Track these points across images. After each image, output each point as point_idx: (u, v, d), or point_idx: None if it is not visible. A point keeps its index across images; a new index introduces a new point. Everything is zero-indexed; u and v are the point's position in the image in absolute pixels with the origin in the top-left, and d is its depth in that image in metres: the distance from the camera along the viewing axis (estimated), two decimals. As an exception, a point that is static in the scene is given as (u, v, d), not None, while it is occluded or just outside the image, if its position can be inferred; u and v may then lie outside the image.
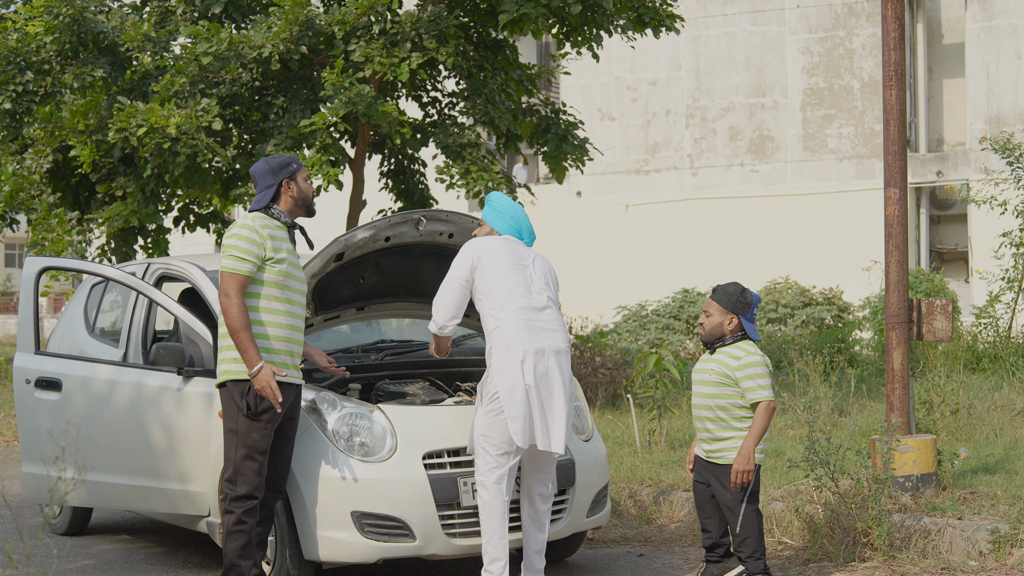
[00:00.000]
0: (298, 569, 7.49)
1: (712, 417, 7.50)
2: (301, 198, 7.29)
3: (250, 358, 6.88)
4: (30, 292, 9.18)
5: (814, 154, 28.81)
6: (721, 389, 7.46)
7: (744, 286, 7.64)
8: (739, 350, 7.49)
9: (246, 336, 6.89)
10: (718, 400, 7.47)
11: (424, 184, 16.67)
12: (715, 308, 7.59)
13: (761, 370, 7.42)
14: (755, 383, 7.38)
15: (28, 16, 14.97)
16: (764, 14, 29.41)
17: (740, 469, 7.32)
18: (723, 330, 7.56)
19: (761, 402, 7.36)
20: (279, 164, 7.23)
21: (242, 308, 6.91)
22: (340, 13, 13.84)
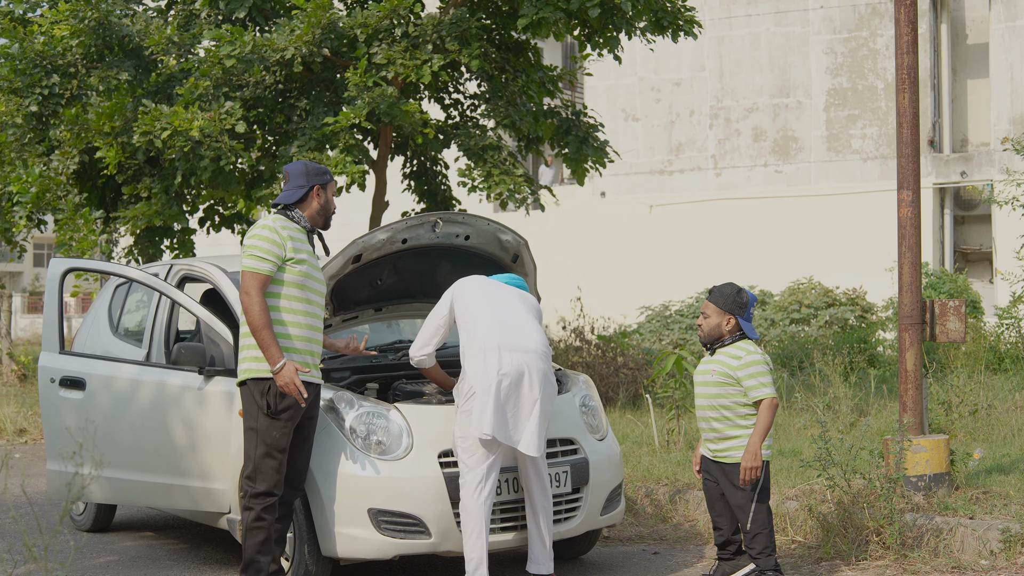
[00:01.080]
0: (316, 565, 7.61)
1: (717, 417, 7.60)
2: (324, 208, 7.44)
3: (272, 356, 7.01)
4: (55, 292, 9.33)
5: (838, 155, 28.81)
6: (723, 389, 7.57)
7: (740, 286, 7.73)
8: (739, 350, 7.60)
9: (268, 334, 7.01)
10: (721, 400, 7.57)
11: (446, 186, 16.77)
12: (712, 309, 7.70)
13: (762, 368, 7.53)
14: (757, 381, 7.49)
15: (54, 20, 15.11)
16: (788, 15, 29.43)
17: (748, 466, 7.41)
18: (721, 331, 7.67)
19: (764, 399, 7.46)
20: (316, 170, 7.41)
21: (263, 307, 7.03)
22: (362, 16, 13.95)
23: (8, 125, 15.81)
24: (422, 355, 7.86)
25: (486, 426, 7.26)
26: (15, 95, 15.45)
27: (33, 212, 16.63)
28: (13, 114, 15.50)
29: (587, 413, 8.40)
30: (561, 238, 30.45)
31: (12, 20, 16.36)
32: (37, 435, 16.51)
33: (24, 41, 15.07)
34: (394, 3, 13.65)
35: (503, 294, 7.82)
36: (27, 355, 24.37)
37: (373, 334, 9.71)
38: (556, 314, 20.82)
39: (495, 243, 8.56)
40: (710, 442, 7.71)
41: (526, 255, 8.71)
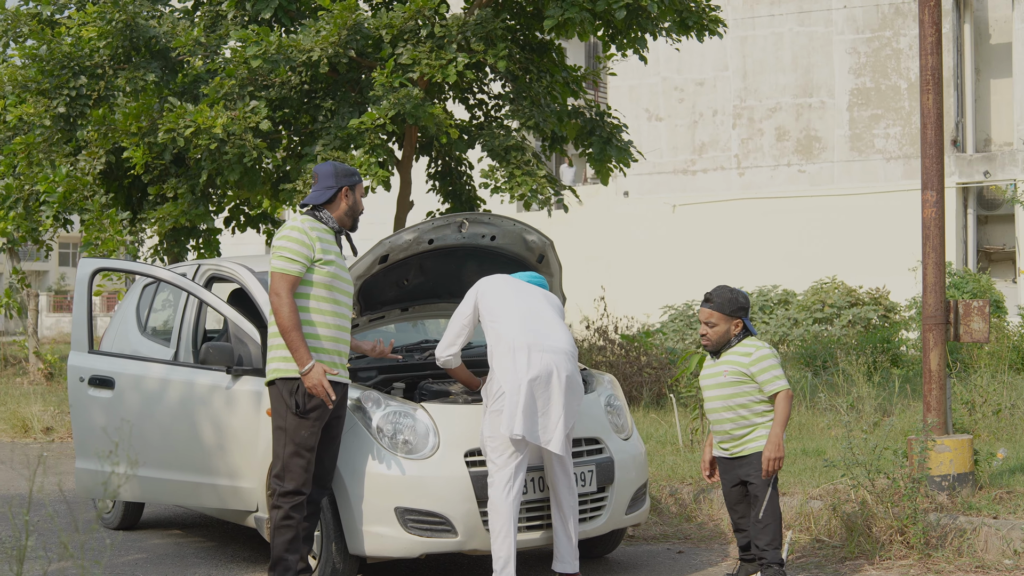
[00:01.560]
0: (343, 563, 7.67)
1: (733, 417, 7.64)
2: (352, 209, 7.51)
3: (301, 357, 7.07)
4: (84, 292, 9.40)
5: (861, 154, 28.81)
6: (738, 387, 7.62)
7: (734, 288, 7.82)
8: (748, 347, 7.66)
9: (297, 335, 7.08)
10: (737, 399, 7.63)
11: (471, 186, 16.83)
12: (718, 317, 7.71)
13: (773, 361, 7.60)
14: (771, 375, 7.54)
15: (82, 22, 15.22)
16: (811, 15, 29.43)
17: (772, 456, 7.45)
18: (729, 336, 7.72)
19: (780, 392, 7.52)
20: (345, 171, 7.47)
21: (293, 308, 7.10)
22: (388, 17, 14.02)
23: (36, 126, 15.92)
24: (448, 355, 7.92)
25: (516, 426, 7.31)
26: (43, 96, 15.56)
27: (60, 212, 16.74)
28: (41, 115, 15.60)
29: (612, 413, 8.45)
30: (584, 237, 30.50)
31: (40, 22, 16.47)
32: (64, 433, 16.62)
33: (52, 43, 15.18)
34: (419, 4, 13.72)
35: (528, 293, 7.88)
36: (53, 354, 24.50)
37: (399, 334, 9.78)
38: (580, 313, 20.86)
39: (521, 244, 8.62)
40: (726, 443, 7.75)
41: (552, 255, 8.77)
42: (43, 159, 16.52)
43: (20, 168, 16.84)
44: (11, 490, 11.06)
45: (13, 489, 11.33)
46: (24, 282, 23.14)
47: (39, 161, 16.59)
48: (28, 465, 13.79)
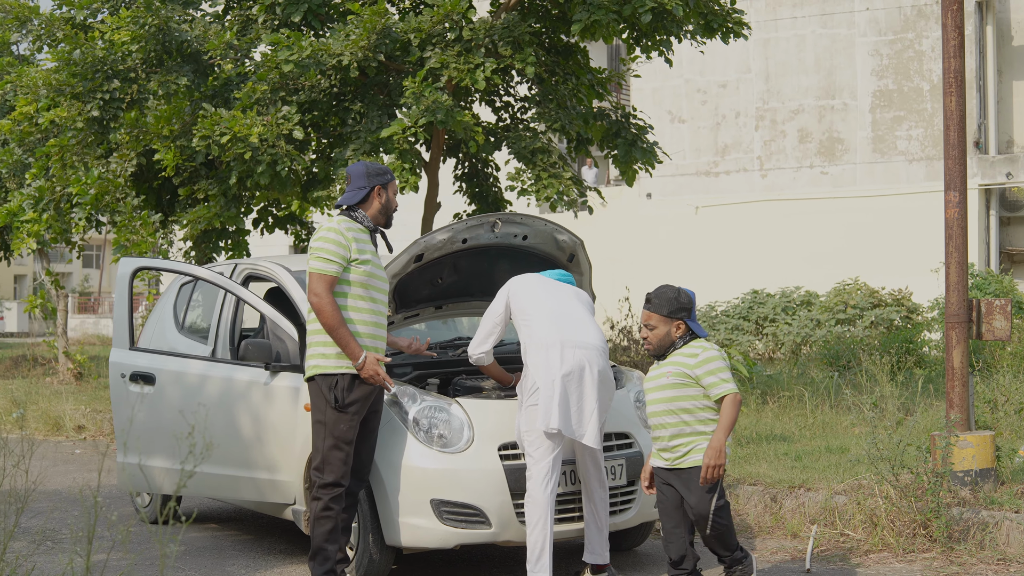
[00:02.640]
0: (380, 554, 7.87)
1: (675, 422, 7.21)
2: (386, 207, 7.68)
3: (352, 351, 7.29)
4: (124, 291, 9.61)
5: (883, 156, 28.89)
6: (681, 391, 7.21)
7: (678, 287, 7.41)
8: (694, 348, 7.26)
9: (345, 332, 7.29)
10: (679, 403, 7.21)
11: (497, 187, 16.98)
12: (657, 319, 7.33)
13: (721, 364, 7.19)
14: (717, 378, 7.13)
15: (115, 26, 15.41)
16: (833, 17, 29.53)
17: (712, 463, 7.04)
18: (671, 339, 7.32)
19: (727, 396, 7.10)
20: (377, 170, 7.64)
21: (335, 306, 7.30)
22: (416, 21, 14.18)
23: (69, 129, 16.14)
24: (480, 352, 8.10)
25: (553, 420, 7.48)
26: (76, 100, 15.77)
27: (92, 213, 16.96)
28: (74, 118, 15.82)
29: (641, 408, 8.61)
30: (608, 239, 30.64)
31: (74, 27, 16.68)
32: (96, 432, 16.85)
33: (85, 47, 15.37)
34: (447, 8, 13.89)
35: (558, 291, 8.05)
36: (82, 354, 24.74)
37: (433, 331, 9.98)
38: (604, 314, 21.02)
39: (552, 243, 8.80)
40: (665, 451, 7.30)
41: (582, 255, 8.95)
42: (76, 161, 16.73)
43: (53, 170, 17.06)
44: (49, 486, 11.27)
45: (51, 485, 11.54)
46: (57, 283, 23.39)
47: (72, 163, 16.80)
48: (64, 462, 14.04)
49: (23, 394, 19.93)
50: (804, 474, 10.22)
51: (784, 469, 10.55)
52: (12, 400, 18.85)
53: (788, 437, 12.59)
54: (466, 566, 8.73)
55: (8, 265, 30.05)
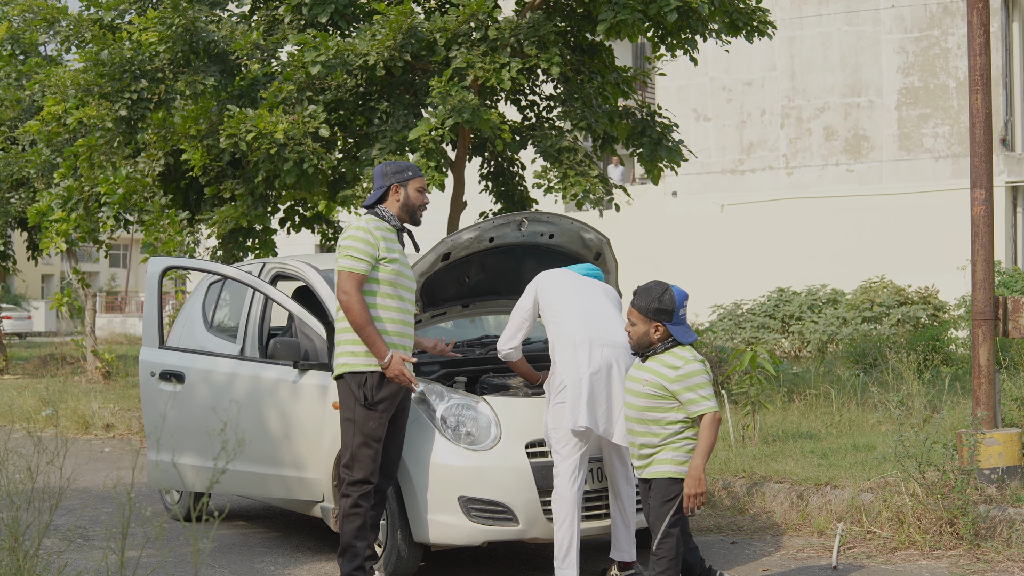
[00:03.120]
0: (408, 550, 7.92)
1: (643, 431, 6.89)
2: (405, 204, 7.68)
3: (379, 350, 7.34)
4: (154, 290, 9.69)
5: (910, 153, 28.83)
6: (655, 402, 6.84)
7: (666, 286, 6.96)
8: (675, 358, 6.84)
9: (372, 330, 7.33)
10: (651, 414, 6.86)
11: (523, 186, 17.02)
12: (636, 316, 6.95)
13: (702, 379, 6.76)
14: (696, 395, 6.72)
15: (142, 27, 15.50)
16: (859, 14, 29.48)
17: (692, 492, 6.65)
18: (650, 339, 6.91)
19: (706, 414, 6.70)
20: (394, 169, 7.66)
21: (363, 304, 7.34)
22: (442, 21, 14.23)
23: (97, 128, 16.24)
24: (509, 348, 8.13)
25: (581, 418, 7.51)
26: (105, 100, 15.87)
27: (120, 213, 17.06)
28: (103, 118, 15.92)
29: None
30: (633, 237, 30.64)
31: (102, 27, 16.78)
32: (124, 430, 16.95)
33: (113, 47, 15.47)
34: (473, 8, 13.93)
35: (586, 287, 8.08)
36: (110, 353, 24.88)
37: (460, 330, 10.03)
38: (630, 312, 21.01)
39: (578, 241, 8.84)
40: (634, 458, 7.03)
41: (608, 253, 8.98)
42: (104, 161, 16.84)
43: (81, 170, 17.17)
44: (79, 484, 11.35)
45: (81, 483, 11.62)
46: (84, 282, 23.52)
47: (100, 163, 16.91)
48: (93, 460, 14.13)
49: (52, 393, 20.05)
50: (830, 472, 10.23)
51: (810, 467, 10.56)
52: (41, 399, 18.97)
53: (814, 435, 12.60)
54: (494, 563, 8.78)
55: (36, 265, 30.24)
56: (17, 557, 5.36)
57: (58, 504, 5.50)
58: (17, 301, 67.77)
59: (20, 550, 5.38)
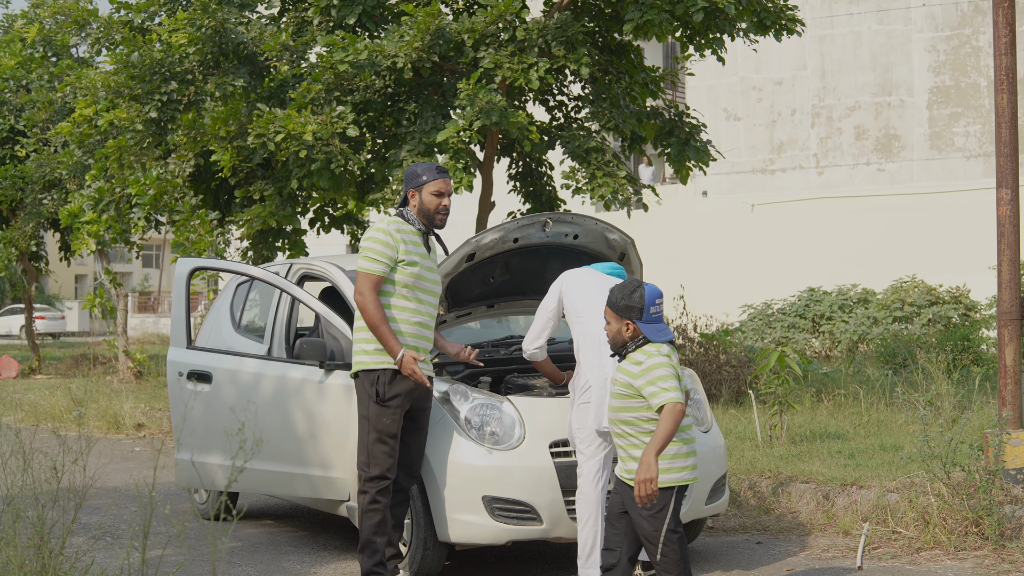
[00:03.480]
0: (433, 549, 7.95)
1: (620, 433, 6.72)
2: (421, 209, 7.72)
3: (391, 348, 7.40)
4: (182, 290, 9.76)
5: (941, 152, 28.73)
6: (625, 402, 6.67)
7: (638, 283, 6.82)
8: (642, 355, 6.67)
9: (385, 329, 7.40)
10: (622, 414, 6.69)
11: (551, 186, 17.04)
12: (610, 314, 6.82)
13: (664, 371, 6.55)
14: (657, 387, 6.51)
15: (172, 28, 15.59)
16: (890, 13, 29.40)
17: (641, 479, 6.41)
18: (623, 337, 6.76)
19: (666, 404, 6.46)
20: (411, 174, 7.72)
21: (377, 304, 7.42)
22: (470, 22, 14.26)
23: (128, 130, 16.34)
24: (535, 348, 8.16)
25: (605, 419, 7.54)
26: (135, 101, 15.97)
27: (151, 213, 17.17)
28: (133, 120, 16.02)
29: (692, 406, 8.66)
30: (664, 237, 30.64)
31: (132, 29, 16.88)
32: (155, 430, 17.04)
33: (143, 49, 15.57)
34: (501, 8, 13.96)
35: (611, 286, 8.10)
36: (141, 353, 25.02)
37: (486, 330, 10.05)
38: (659, 312, 21.02)
39: (603, 242, 8.85)
40: (623, 460, 6.76)
41: (633, 253, 8.99)
42: (134, 162, 16.94)
43: (112, 171, 17.28)
44: (108, 483, 11.44)
45: (110, 482, 11.70)
46: (116, 282, 23.66)
47: (130, 164, 17.01)
48: (123, 459, 14.22)
49: (83, 392, 20.18)
50: (857, 472, 10.22)
51: (837, 467, 10.55)
52: (72, 399, 19.10)
53: (842, 435, 12.59)
54: (518, 562, 8.80)
55: (68, 265, 30.43)
56: (43, 555, 5.41)
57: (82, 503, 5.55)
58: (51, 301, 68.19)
59: (46, 548, 5.44)
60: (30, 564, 5.40)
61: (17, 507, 5.60)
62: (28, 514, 5.63)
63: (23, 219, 26.39)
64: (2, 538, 5.58)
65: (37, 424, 17.37)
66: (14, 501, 5.63)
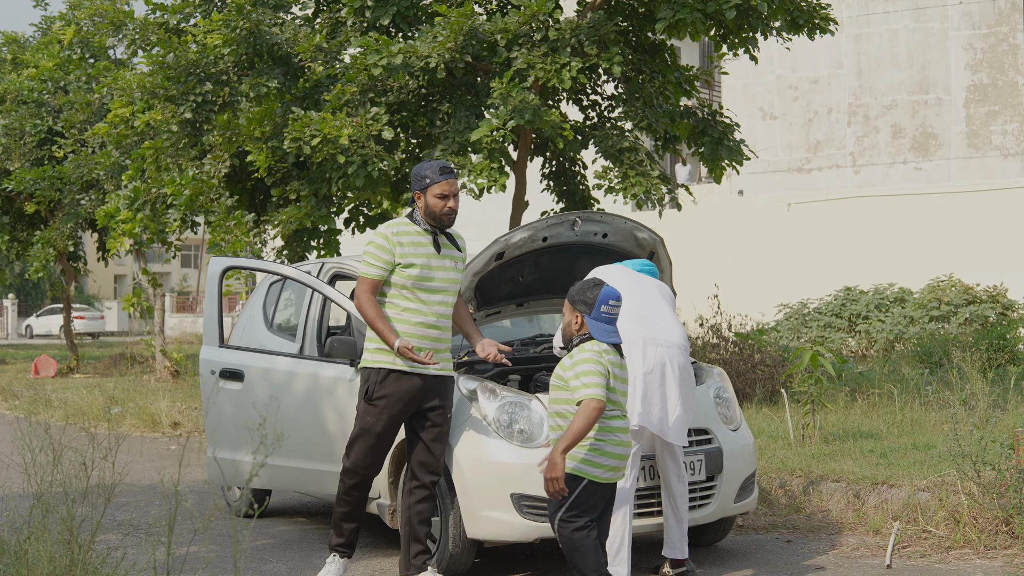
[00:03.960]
0: (462, 547, 7.98)
1: (553, 425, 6.82)
2: (427, 212, 7.76)
3: (387, 340, 7.58)
4: (214, 290, 9.82)
5: (978, 151, 28.59)
6: (557, 393, 6.79)
7: (599, 282, 6.87)
8: (578, 350, 6.73)
9: (382, 325, 7.59)
10: (554, 406, 6.80)
11: (584, 185, 17.07)
12: (566, 306, 6.90)
13: (590, 367, 6.60)
14: (580, 381, 6.57)
15: (207, 30, 15.69)
16: (926, 11, 29.27)
17: (547, 476, 6.55)
18: (571, 330, 6.84)
19: (583, 400, 6.50)
20: (416, 175, 7.78)
21: (371, 304, 7.62)
22: (503, 22, 14.30)
23: (163, 131, 16.45)
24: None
25: (635, 417, 7.56)
26: (170, 103, 16.07)
27: (187, 214, 17.28)
28: (168, 121, 16.12)
29: (721, 404, 8.68)
30: (699, 236, 30.60)
31: (167, 31, 16.99)
32: (191, 428, 17.15)
33: (179, 51, 15.67)
34: (533, 9, 13.99)
35: (642, 285, 8.12)
36: (179, 352, 25.17)
37: (515, 328, 10.09)
38: (694, 311, 21.03)
39: (632, 241, 8.88)
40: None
41: (662, 252, 9.01)
42: (170, 163, 17.06)
43: (148, 172, 17.40)
44: (142, 480, 11.53)
45: (145, 480, 11.80)
46: (155, 282, 23.81)
47: (166, 165, 17.13)
48: (158, 457, 14.33)
49: (121, 392, 20.32)
50: (888, 471, 10.21)
51: (869, 466, 10.54)
52: (110, 398, 19.24)
53: (876, 434, 12.56)
54: (546, 560, 8.83)
55: (106, 266, 30.65)
56: (72, 551, 5.48)
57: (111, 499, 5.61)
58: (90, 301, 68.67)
59: (75, 543, 5.51)
60: (60, 559, 5.47)
61: (47, 502, 5.66)
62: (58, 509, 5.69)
63: (61, 219, 26.58)
64: (32, 533, 5.65)
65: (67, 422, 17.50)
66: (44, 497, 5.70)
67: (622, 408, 6.79)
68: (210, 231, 16.49)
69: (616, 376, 6.72)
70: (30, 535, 5.63)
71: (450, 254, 7.81)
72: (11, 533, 5.97)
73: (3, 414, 20.29)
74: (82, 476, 5.72)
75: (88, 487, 5.76)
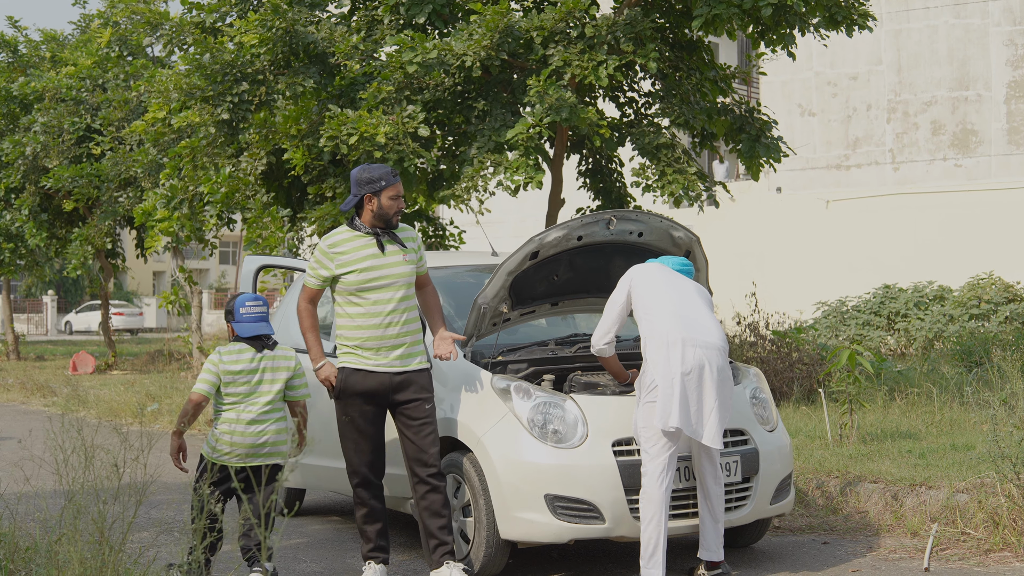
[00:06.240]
0: (495, 547, 7.95)
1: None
2: (379, 214, 7.86)
3: (313, 355, 7.93)
4: (249, 287, 9.84)
5: (1019, 148, 28.36)
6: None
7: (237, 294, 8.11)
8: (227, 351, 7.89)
9: (311, 337, 7.95)
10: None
11: (621, 183, 17.01)
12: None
13: (206, 366, 7.82)
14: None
15: (243, 29, 15.68)
16: (967, 7, 29.06)
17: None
18: (229, 337, 8.01)
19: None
20: (367, 178, 7.85)
21: (308, 314, 7.96)
22: (538, 19, 14.26)
23: (200, 130, 16.47)
24: (604, 343, 8.15)
25: (672, 419, 7.52)
26: (207, 103, 16.07)
27: (223, 211, 17.30)
28: (205, 121, 16.14)
29: (757, 405, 8.61)
30: (737, 233, 30.50)
31: (203, 31, 17.00)
32: (228, 426, 17.15)
33: (215, 51, 15.67)
34: (570, 5, 13.95)
35: (680, 284, 8.07)
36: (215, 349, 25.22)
37: (550, 328, 10.04)
38: (732, 309, 20.94)
39: (668, 239, 8.82)
40: None
41: (698, 251, 8.95)
42: (207, 162, 17.09)
43: (185, 170, 17.45)
44: (179, 479, 11.53)
45: (182, 478, 11.80)
46: (191, 280, 23.89)
47: (203, 164, 17.17)
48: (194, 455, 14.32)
49: (157, 388, 20.38)
50: (927, 472, 10.11)
51: (907, 467, 10.45)
52: (147, 394, 19.29)
53: (914, 434, 12.45)
54: (580, 561, 8.79)
55: (145, 262, 30.80)
56: (103, 551, 5.46)
57: (143, 499, 5.60)
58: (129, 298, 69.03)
59: (106, 543, 5.49)
60: (91, 560, 5.46)
61: (78, 503, 5.66)
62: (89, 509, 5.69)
63: (99, 217, 26.71)
64: (64, 533, 5.64)
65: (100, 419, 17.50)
66: (75, 497, 5.70)
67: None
68: (247, 228, 16.51)
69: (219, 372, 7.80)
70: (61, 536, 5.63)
71: (394, 249, 7.89)
72: (43, 533, 5.97)
73: (41, 411, 20.38)
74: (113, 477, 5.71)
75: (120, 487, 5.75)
